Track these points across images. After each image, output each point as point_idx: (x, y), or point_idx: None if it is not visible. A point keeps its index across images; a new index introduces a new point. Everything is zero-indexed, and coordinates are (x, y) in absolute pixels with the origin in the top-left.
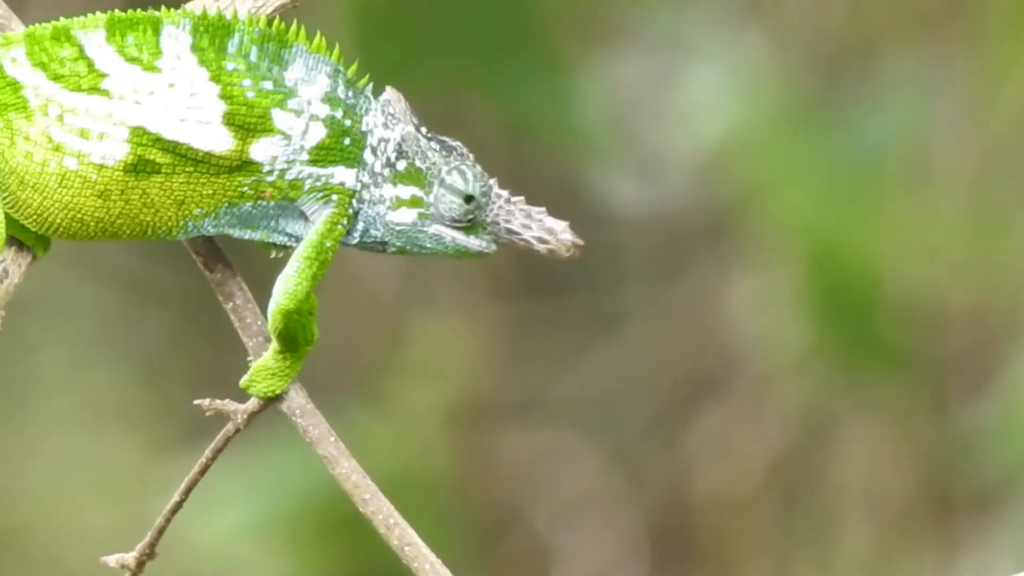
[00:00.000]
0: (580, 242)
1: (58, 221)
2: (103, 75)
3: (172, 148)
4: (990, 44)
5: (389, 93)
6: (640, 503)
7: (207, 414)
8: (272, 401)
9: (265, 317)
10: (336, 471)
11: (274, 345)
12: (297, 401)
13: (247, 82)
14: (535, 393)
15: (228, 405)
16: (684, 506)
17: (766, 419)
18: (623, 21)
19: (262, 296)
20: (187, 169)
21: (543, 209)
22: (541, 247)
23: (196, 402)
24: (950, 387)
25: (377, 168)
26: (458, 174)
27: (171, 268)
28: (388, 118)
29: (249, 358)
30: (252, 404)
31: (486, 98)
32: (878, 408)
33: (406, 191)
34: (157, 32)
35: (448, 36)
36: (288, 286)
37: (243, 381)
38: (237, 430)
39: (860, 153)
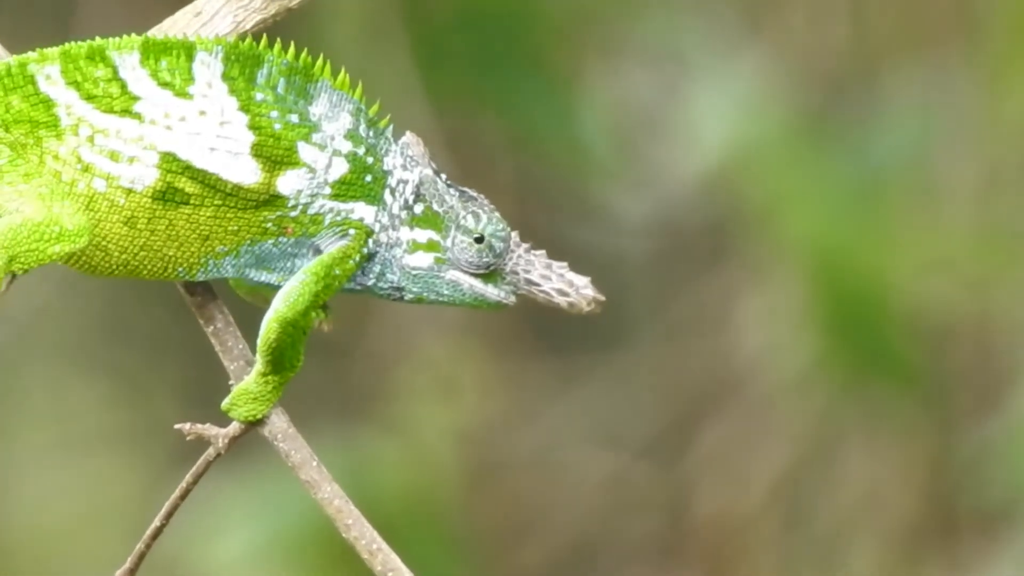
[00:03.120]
0: (601, 298)
1: (82, 248)
2: (136, 98)
3: (202, 178)
4: (992, 59)
5: (408, 136)
6: (645, 520)
7: (188, 438)
8: (253, 425)
9: (247, 341)
10: (318, 496)
11: (257, 367)
12: (279, 425)
13: (275, 114)
14: (541, 412)
15: (209, 430)
16: (689, 523)
17: (771, 436)
18: (627, 38)
19: (242, 321)
20: (215, 202)
21: (565, 264)
22: (561, 300)
23: (177, 427)
24: (956, 403)
25: (395, 210)
26: (472, 216)
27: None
28: (407, 160)
29: (231, 381)
30: (233, 428)
31: (493, 114)
32: (884, 425)
33: (423, 235)
34: (190, 58)
35: (456, 52)
36: (290, 296)
37: (225, 404)
38: (218, 455)
39: (865, 169)
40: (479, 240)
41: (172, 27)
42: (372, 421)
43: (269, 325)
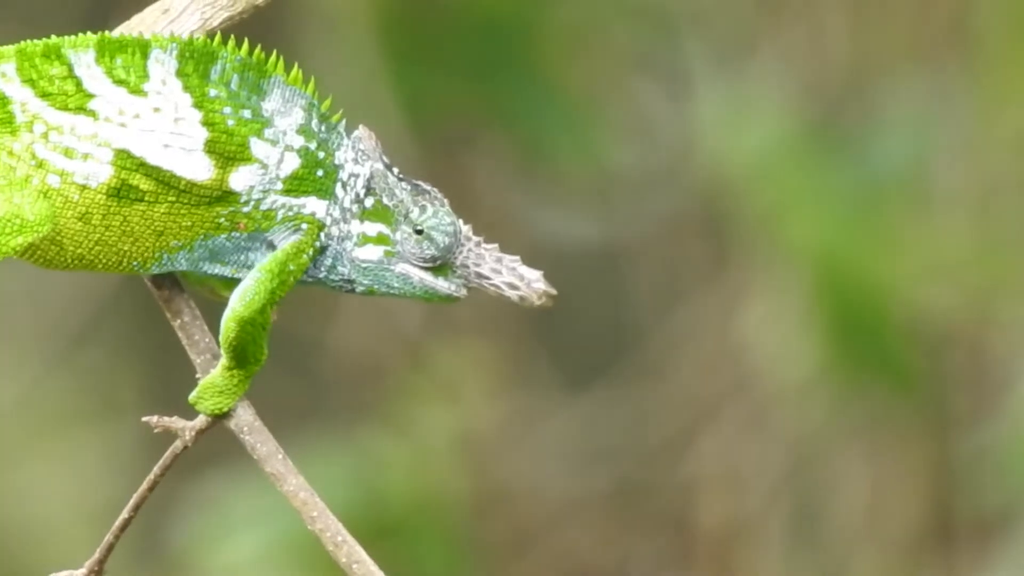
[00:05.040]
0: (553, 292)
1: (37, 243)
2: (90, 95)
3: (156, 175)
4: (990, 71)
5: (361, 131)
6: (647, 527)
7: (155, 431)
8: (220, 418)
9: (214, 335)
10: (284, 488)
11: (223, 361)
12: (245, 418)
13: (228, 110)
14: (543, 419)
15: (175, 422)
16: (690, 530)
17: (771, 442)
18: (630, 48)
19: (210, 314)
20: (170, 198)
21: (517, 257)
22: (512, 293)
23: (144, 419)
24: (955, 409)
25: (346, 203)
26: (418, 209)
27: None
28: (359, 154)
29: (197, 375)
30: (200, 421)
31: (496, 122)
32: (884, 430)
33: (373, 228)
34: (145, 55)
35: (459, 62)
36: (246, 295)
37: (192, 397)
38: (185, 447)
39: (865, 178)
40: (419, 232)
41: (140, 24)
42: (379, 422)
43: (227, 324)
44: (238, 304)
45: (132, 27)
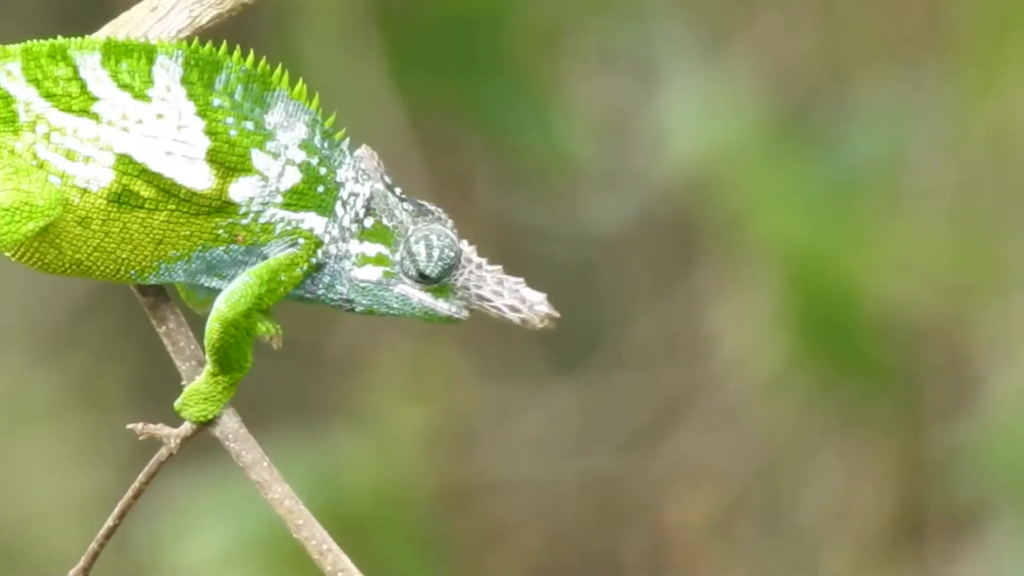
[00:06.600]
0: (556, 314)
1: (35, 245)
2: (94, 98)
3: (157, 182)
4: (965, 63)
5: (363, 150)
6: (618, 522)
7: (140, 438)
8: (205, 426)
9: (199, 342)
10: (269, 496)
11: (208, 367)
12: (230, 426)
13: (230, 120)
14: (513, 416)
15: (161, 430)
16: (659, 527)
17: (744, 439)
18: (601, 42)
19: (194, 322)
20: (170, 206)
21: (521, 280)
22: (513, 316)
23: (129, 426)
24: (927, 406)
25: (346, 223)
26: (423, 236)
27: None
28: (359, 173)
29: (183, 382)
30: (185, 429)
31: (468, 117)
32: (856, 427)
33: (372, 248)
34: (151, 61)
35: (431, 55)
36: (232, 297)
37: (177, 404)
38: (170, 455)
39: (838, 172)
40: (417, 253)
41: (128, 22)
42: (346, 420)
43: (211, 325)
44: (223, 305)
45: (119, 25)
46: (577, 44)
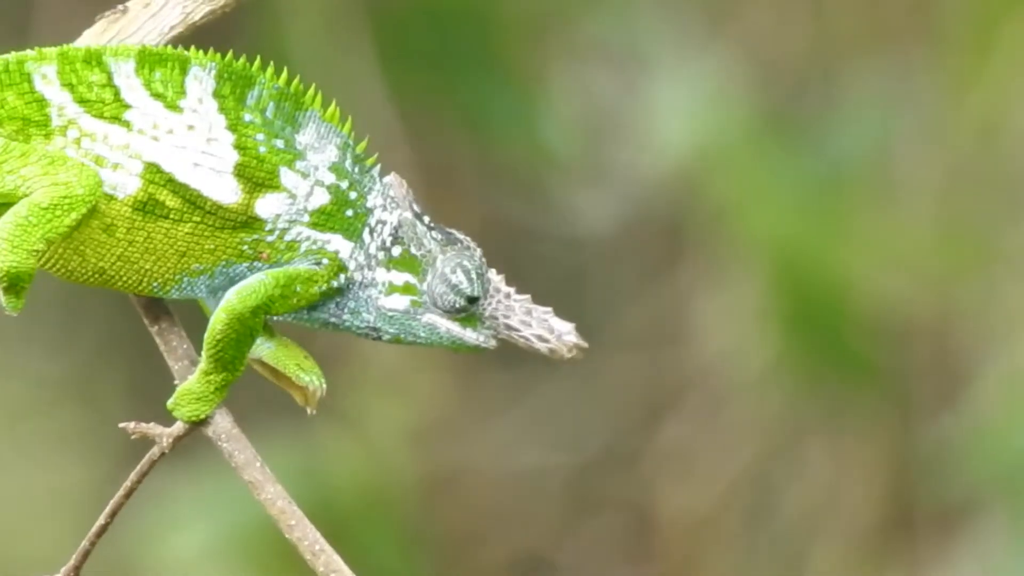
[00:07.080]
0: (584, 344)
1: (60, 250)
2: (127, 106)
3: (183, 192)
4: (952, 57)
5: (392, 178)
6: (606, 521)
7: (132, 437)
8: (197, 425)
9: (192, 342)
10: (262, 496)
11: (201, 367)
12: (223, 426)
13: (261, 136)
14: (499, 411)
15: (153, 429)
16: (650, 523)
17: (731, 435)
18: (588, 36)
19: (187, 322)
20: (195, 218)
21: (549, 309)
22: (541, 346)
23: (121, 425)
24: (916, 401)
25: (372, 250)
26: (455, 267)
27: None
28: (388, 201)
29: (175, 381)
30: (177, 428)
31: (455, 114)
32: (844, 422)
33: (400, 277)
34: (184, 71)
35: (418, 49)
36: (244, 291)
37: (169, 403)
38: (163, 454)
39: (825, 166)
40: (463, 297)
41: (121, 18)
42: (329, 417)
43: (217, 315)
44: (234, 297)
45: (112, 21)
46: (564, 39)
